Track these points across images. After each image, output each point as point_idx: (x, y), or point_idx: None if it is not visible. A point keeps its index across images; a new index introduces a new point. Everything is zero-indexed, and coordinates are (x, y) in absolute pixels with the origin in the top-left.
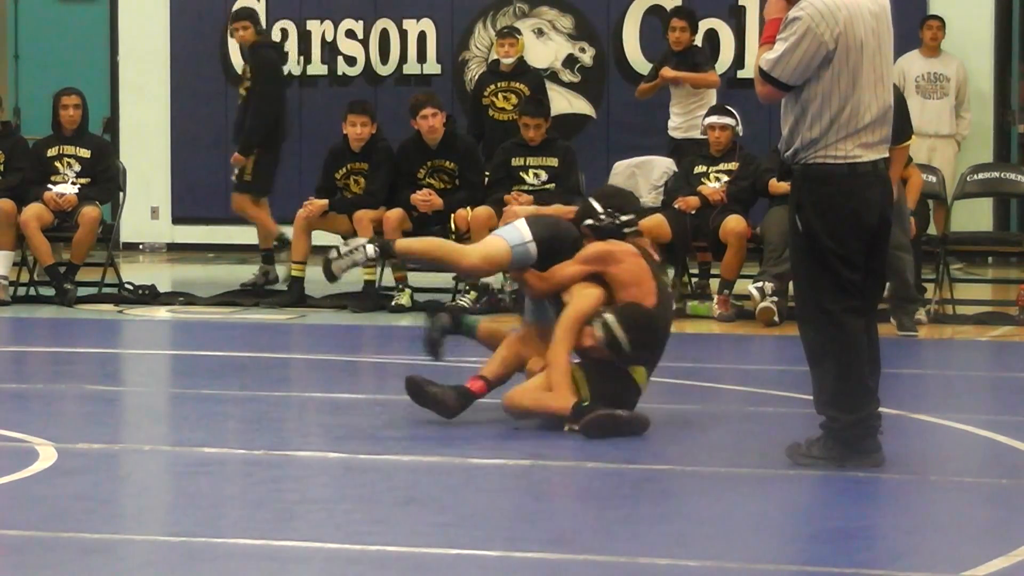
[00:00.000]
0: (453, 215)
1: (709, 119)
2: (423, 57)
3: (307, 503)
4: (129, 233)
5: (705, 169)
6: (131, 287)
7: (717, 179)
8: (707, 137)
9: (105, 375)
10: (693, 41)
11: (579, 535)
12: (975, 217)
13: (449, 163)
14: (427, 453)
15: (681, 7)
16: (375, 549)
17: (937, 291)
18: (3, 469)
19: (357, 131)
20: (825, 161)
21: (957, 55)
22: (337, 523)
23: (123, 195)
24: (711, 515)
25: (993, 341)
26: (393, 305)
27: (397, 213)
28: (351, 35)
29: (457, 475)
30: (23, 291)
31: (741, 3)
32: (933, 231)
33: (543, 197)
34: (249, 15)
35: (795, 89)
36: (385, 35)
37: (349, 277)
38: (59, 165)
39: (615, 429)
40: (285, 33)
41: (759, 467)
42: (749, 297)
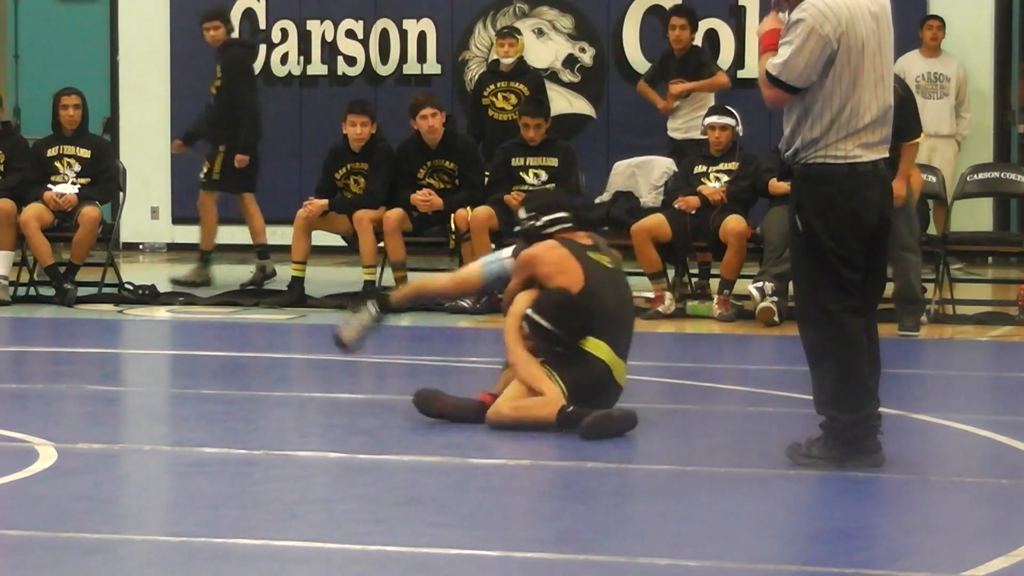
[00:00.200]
0: (453, 215)
1: (709, 119)
2: (423, 57)
3: (307, 503)
4: (129, 233)
5: (705, 169)
6: (131, 287)
7: (717, 179)
8: (707, 137)
9: (105, 375)
10: (693, 39)
11: (579, 535)
12: (975, 217)
13: (449, 163)
14: (427, 453)
15: (681, 5)
16: (375, 549)
17: (937, 291)
18: (3, 469)
19: (357, 131)
20: (825, 161)
21: (957, 55)
22: (337, 523)
23: (123, 195)
24: (711, 515)
25: (993, 341)
26: None
27: (397, 213)
28: (351, 35)
29: (457, 475)
30: (23, 291)
31: (741, 3)
32: (933, 231)
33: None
34: (219, 15)
35: (801, 91)
36: (385, 35)
37: (350, 278)
38: (59, 165)
39: (612, 429)
40: (285, 33)
41: (759, 467)
42: (749, 297)
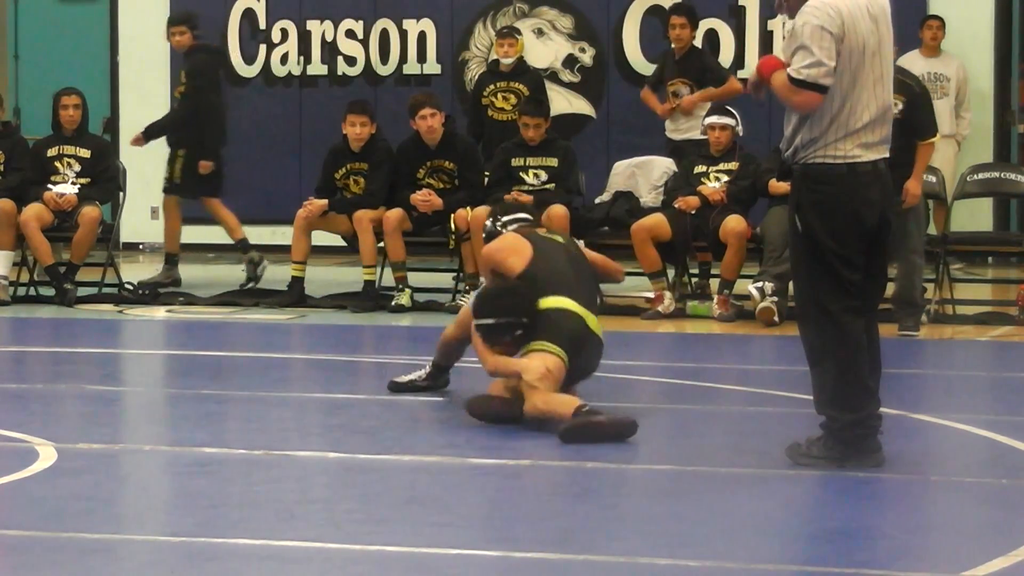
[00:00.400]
0: (453, 215)
1: (709, 119)
2: (423, 57)
3: (307, 503)
4: (129, 233)
5: (705, 169)
6: (131, 287)
7: (717, 179)
8: (706, 137)
9: (105, 375)
10: (693, 38)
11: (579, 535)
12: (975, 217)
13: (448, 163)
14: (427, 453)
15: (680, 3)
16: (375, 549)
17: (937, 291)
18: (3, 469)
19: (356, 131)
20: (825, 161)
21: (957, 55)
22: (337, 523)
23: (123, 195)
24: (711, 515)
25: (993, 341)
26: (393, 305)
27: (397, 213)
28: (351, 35)
29: (457, 475)
30: (23, 291)
31: (741, 3)
32: (933, 231)
33: (543, 197)
34: (185, 19)
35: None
36: (385, 35)
37: (350, 278)
38: (59, 165)
39: (595, 436)
40: (285, 33)
41: (759, 467)
42: (749, 297)
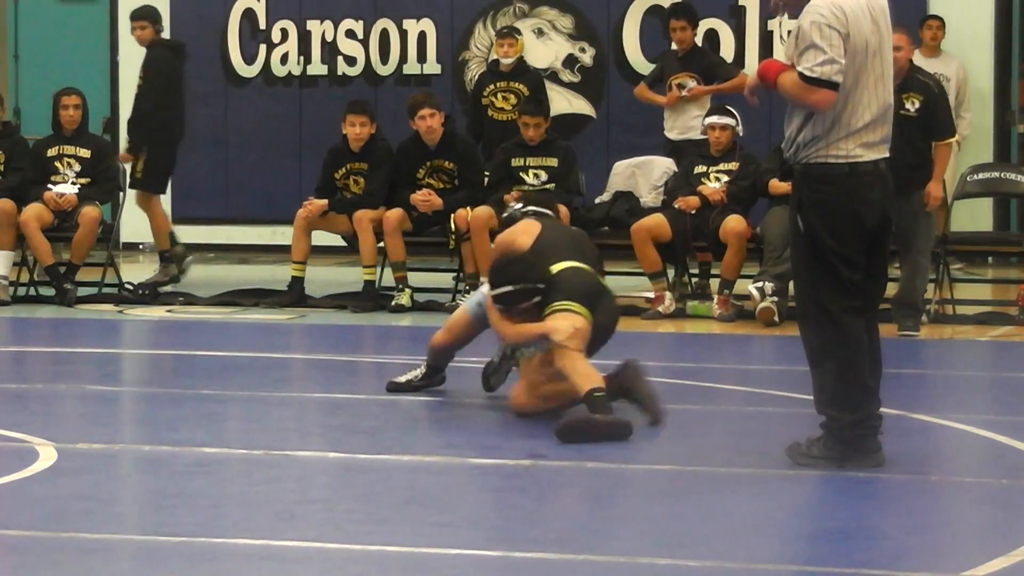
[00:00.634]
0: (453, 215)
1: (709, 119)
2: (423, 57)
3: (307, 503)
4: (129, 233)
5: (705, 169)
6: (131, 287)
7: (717, 179)
8: (706, 137)
9: (105, 375)
10: (694, 38)
11: (579, 535)
12: (975, 217)
13: (448, 163)
14: (427, 453)
15: (679, 5)
16: (375, 549)
17: (937, 291)
18: (3, 469)
19: (356, 131)
20: (826, 160)
21: (957, 55)
22: (337, 523)
23: (123, 195)
24: (711, 515)
25: (993, 341)
26: (393, 305)
27: (397, 213)
28: (351, 35)
29: (457, 475)
30: (23, 291)
31: (741, 3)
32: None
33: (543, 197)
34: (147, 15)
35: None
36: (385, 35)
37: (350, 278)
38: (59, 165)
39: (592, 435)
40: (285, 33)
41: (759, 467)
42: (749, 297)
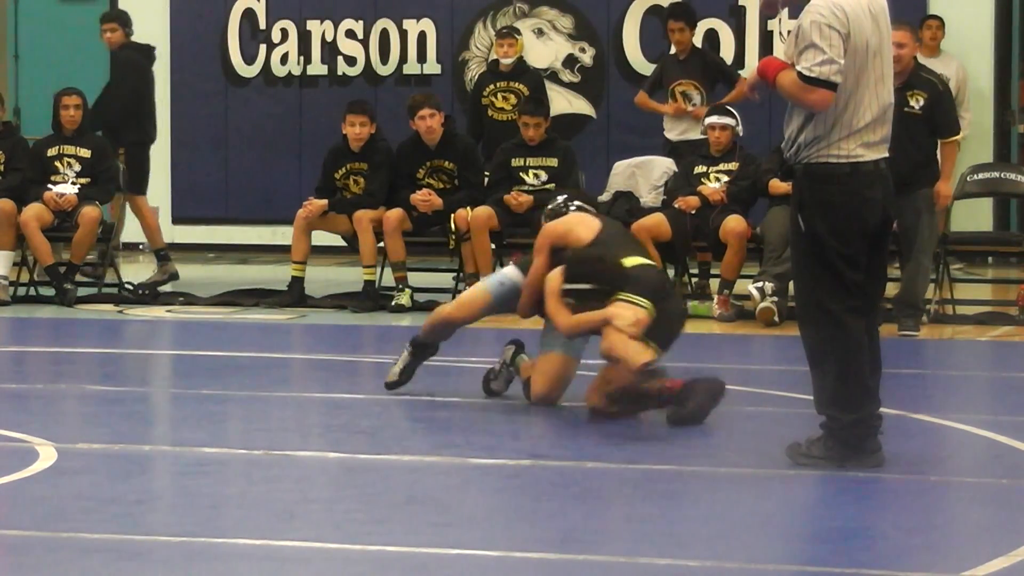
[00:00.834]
0: (453, 215)
1: (709, 119)
2: (423, 57)
3: (307, 503)
4: (129, 233)
5: (705, 169)
6: (131, 287)
7: (717, 179)
8: (706, 137)
9: (105, 375)
10: (693, 39)
11: (579, 535)
12: (975, 217)
13: (448, 163)
14: (427, 453)
15: (677, 6)
16: (375, 549)
17: (937, 291)
18: (3, 469)
19: (356, 131)
20: (827, 160)
21: (957, 55)
22: (337, 523)
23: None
24: (711, 515)
25: (993, 341)
26: (393, 305)
27: (397, 213)
28: (351, 35)
29: (457, 475)
30: (23, 291)
31: (741, 3)
32: None
33: (543, 197)
34: (116, 17)
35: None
36: (385, 35)
37: (350, 278)
38: (59, 165)
39: (639, 403)
40: (285, 33)
41: (759, 467)
42: (749, 297)
